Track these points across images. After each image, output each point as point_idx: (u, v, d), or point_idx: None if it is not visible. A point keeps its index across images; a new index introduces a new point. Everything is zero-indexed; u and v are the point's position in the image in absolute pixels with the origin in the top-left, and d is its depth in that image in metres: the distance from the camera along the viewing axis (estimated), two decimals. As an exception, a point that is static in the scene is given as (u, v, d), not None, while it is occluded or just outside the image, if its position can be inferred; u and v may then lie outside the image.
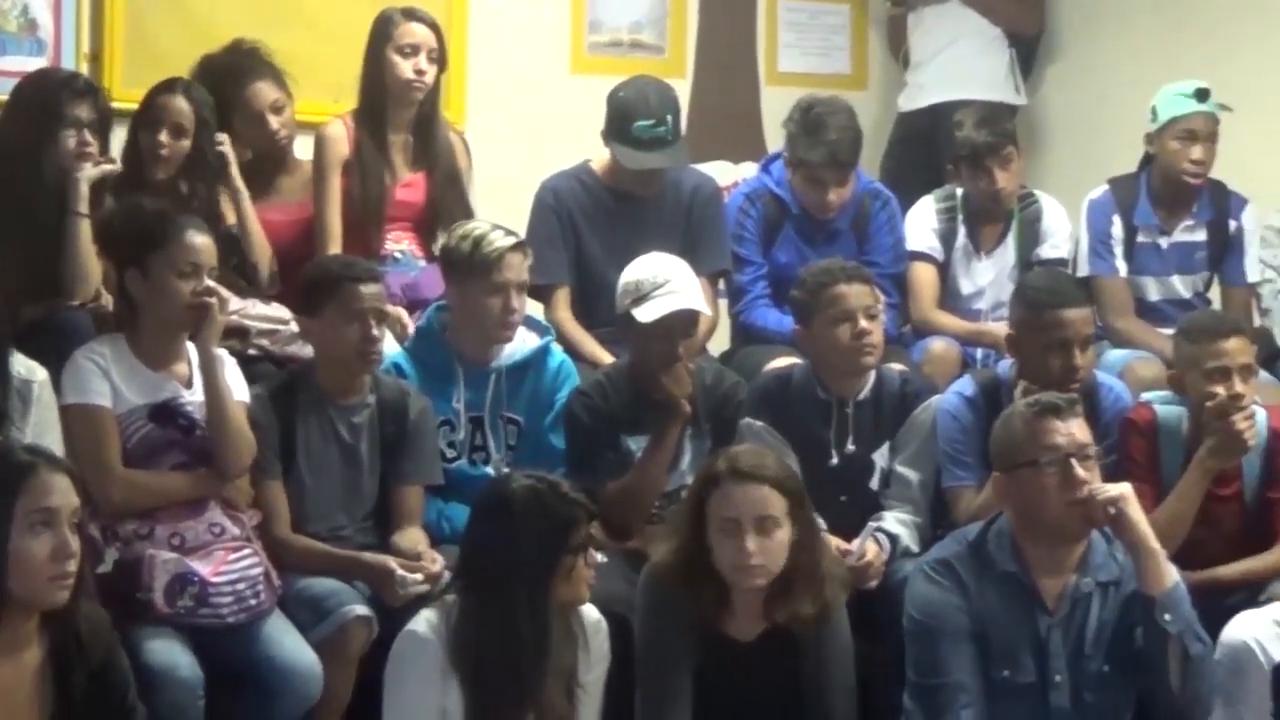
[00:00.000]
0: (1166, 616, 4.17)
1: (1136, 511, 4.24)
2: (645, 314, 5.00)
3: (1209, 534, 4.90)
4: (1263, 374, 5.45)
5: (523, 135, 6.99)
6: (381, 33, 5.77)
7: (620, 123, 5.77)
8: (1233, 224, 6.18)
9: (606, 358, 5.54)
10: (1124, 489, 4.26)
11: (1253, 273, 6.16)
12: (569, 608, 4.15)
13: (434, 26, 5.83)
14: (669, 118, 5.78)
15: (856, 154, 6.03)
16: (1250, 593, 4.83)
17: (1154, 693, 4.26)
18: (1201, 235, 6.17)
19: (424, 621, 4.13)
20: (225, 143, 5.47)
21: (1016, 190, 6.11)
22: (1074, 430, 4.29)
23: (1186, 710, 4.24)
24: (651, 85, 5.94)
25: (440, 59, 5.82)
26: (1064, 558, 4.31)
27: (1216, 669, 4.33)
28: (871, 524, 4.92)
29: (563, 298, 5.84)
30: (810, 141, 5.89)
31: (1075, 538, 4.31)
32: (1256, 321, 6.14)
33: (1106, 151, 6.84)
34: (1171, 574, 4.25)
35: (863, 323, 5.03)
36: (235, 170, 5.49)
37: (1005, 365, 5.20)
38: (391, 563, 4.59)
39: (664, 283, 5.05)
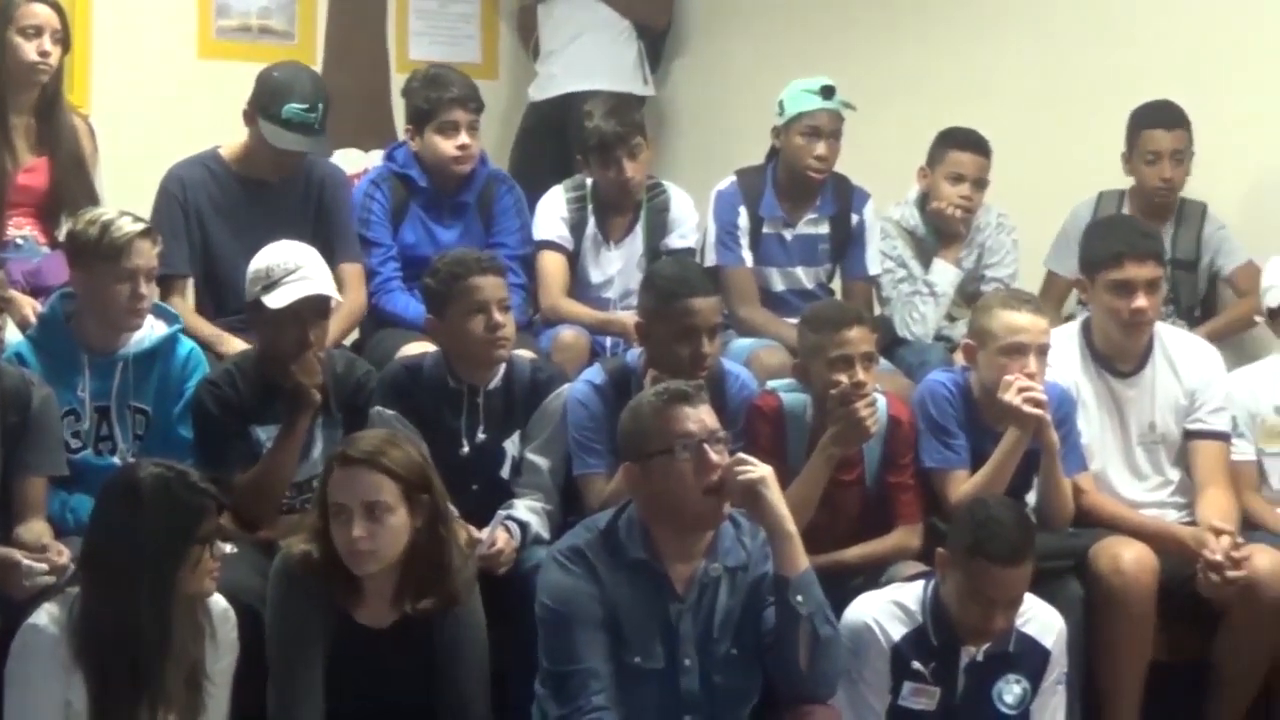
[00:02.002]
0: (798, 599, 4.24)
1: (775, 494, 4.31)
2: (275, 300, 4.93)
3: (832, 518, 5.02)
4: (883, 362, 5.58)
5: (150, 120, 6.86)
6: (2, 14, 5.59)
7: (272, 101, 5.68)
8: (855, 218, 6.33)
9: (234, 346, 5.46)
10: (764, 471, 4.31)
11: (874, 265, 6.32)
12: (194, 600, 4.10)
13: (57, 7, 5.68)
14: (320, 106, 5.72)
15: (481, 99, 6.07)
16: (871, 575, 4.97)
17: (782, 673, 4.32)
18: (825, 228, 6.31)
19: (45, 614, 4.04)
20: None
21: (645, 180, 6.17)
22: (704, 416, 4.33)
23: (813, 690, 4.32)
24: (306, 71, 5.92)
25: (64, 40, 5.68)
26: (693, 544, 4.36)
27: (843, 649, 4.43)
28: (501, 512, 4.91)
29: (185, 289, 5.77)
30: (438, 86, 5.97)
31: (710, 524, 4.35)
32: (877, 311, 6.32)
33: (734, 143, 6.97)
34: (804, 557, 4.34)
35: (496, 315, 5.03)
36: None
37: (634, 354, 5.24)
38: (16, 554, 4.45)
39: (294, 269, 4.97)
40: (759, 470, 4.29)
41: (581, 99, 6.63)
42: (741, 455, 4.36)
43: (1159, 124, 6.30)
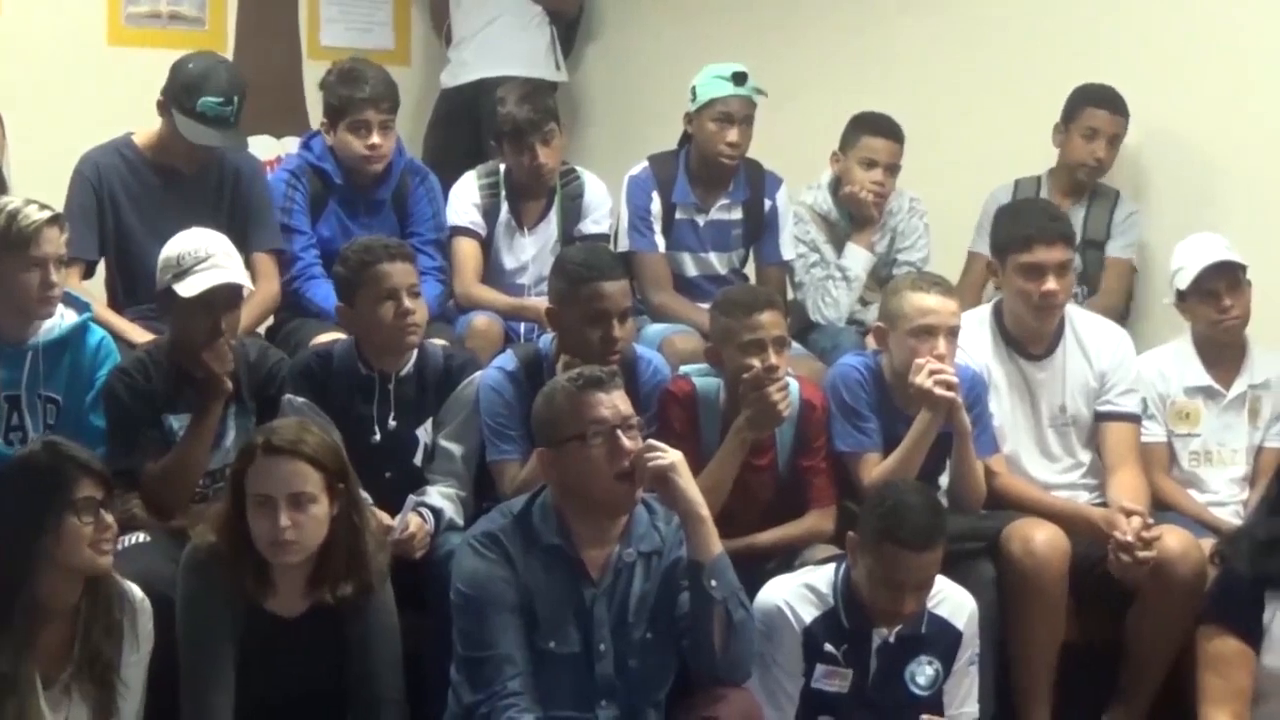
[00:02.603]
0: (713, 583, 4.26)
1: (687, 479, 4.32)
2: (187, 289, 4.89)
3: (745, 502, 5.03)
4: (796, 346, 5.61)
5: (59, 107, 6.78)
6: None
7: (187, 94, 5.64)
8: (768, 203, 6.34)
9: (140, 336, 5.43)
10: (676, 457, 4.32)
11: (787, 250, 6.34)
12: (79, 574, 4.10)
13: (-42, -7, 5.64)
14: (236, 99, 5.69)
15: (396, 98, 6.04)
16: (785, 558, 4.99)
17: (697, 657, 4.34)
18: (738, 214, 6.32)
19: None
20: None
21: (558, 166, 6.16)
22: (617, 402, 4.33)
23: (727, 673, 4.34)
24: (223, 64, 5.90)
25: (-32, 28, 5.64)
26: (608, 529, 4.37)
27: (756, 633, 4.44)
28: (413, 498, 4.90)
29: (94, 273, 5.76)
30: (352, 84, 5.93)
31: (623, 509, 4.36)
32: (790, 295, 6.34)
33: (646, 129, 6.98)
34: (718, 541, 4.35)
35: (406, 301, 5.01)
36: None
37: (547, 339, 5.23)
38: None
39: (206, 257, 4.94)
40: (669, 456, 4.30)
41: (494, 85, 6.62)
42: (652, 442, 4.36)
43: (1105, 105, 6.40)
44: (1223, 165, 6.42)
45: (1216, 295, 5.60)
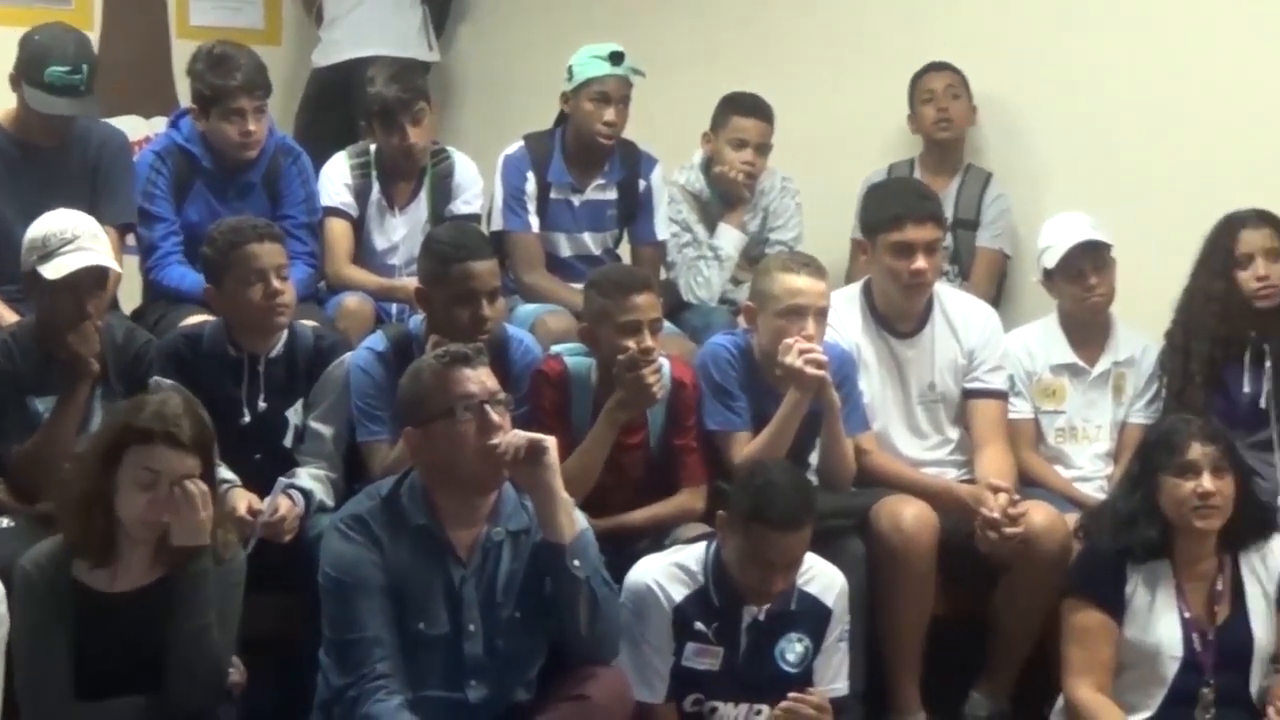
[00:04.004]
0: (575, 563, 4.26)
1: (550, 461, 4.31)
2: (52, 270, 4.84)
3: (617, 481, 5.04)
4: (667, 324, 5.62)
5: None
6: None
7: (34, 66, 5.56)
8: (642, 183, 6.35)
9: (9, 316, 5.37)
10: (539, 438, 4.32)
11: (662, 230, 6.35)
12: None
13: None
14: (85, 67, 5.60)
15: (268, 83, 5.98)
16: (656, 537, 4.99)
17: (564, 636, 4.35)
18: (612, 194, 6.33)
19: None
20: None
21: (429, 146, 6.14)
22: (484, 378, 4.33)
23: (595, 651, 4.35)
24: (70, 33, 5.76)
25: None
26: (476, 508, 4.36)
27: (622, 611, 4.46)
28: (283, 480, 4.86)
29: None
30: (223, 71, 5.84)
31: (491, 486, 4.35)
32: (663, 275, 6.36)
33: (521, 109, 6.97)
34: (579, 521, 4.36)
35: (275, 282, 4.99)
36: None
37: (417, 320, 5.22)
38: None
39: (72, 239, 4.89)
40: (530, 436, 4.30)
41: (365, 65, 6.57)
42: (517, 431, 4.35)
43: (932, 69, 6.58)
44: (1089, 144, 6.51)
45: (1083, 274, 5.66)
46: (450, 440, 4.28)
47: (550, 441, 4.32)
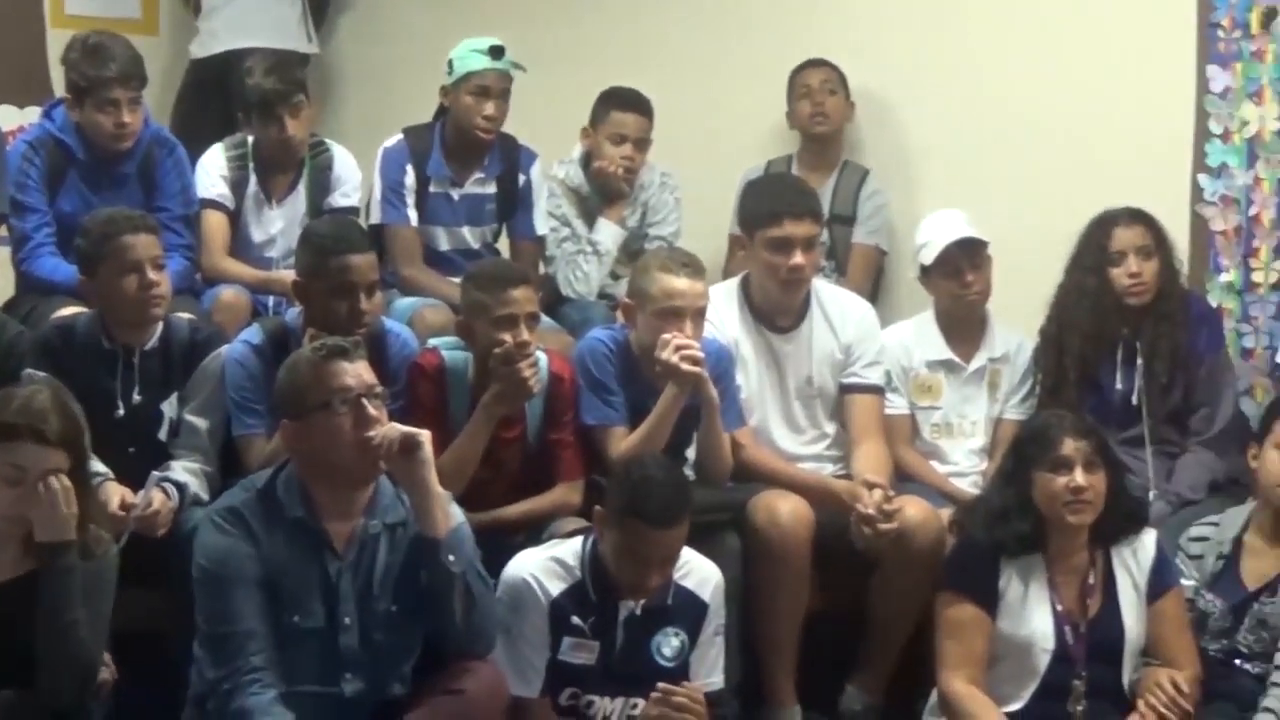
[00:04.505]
0: (450, 558, 4.25)
1: (425, 455, 4.30)
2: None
3: (494, 475, 5.04)
4: (546, 319, 5.62)
5: None
6: None
7: None
8: (522, 178, 6.32)
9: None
10: (413, 432, 4.31)
11: (541, 225, 6.34)
12: None
13: None
14: None
15: (144, 74, 5.91)
16: (533, 532, 4.99)
17: (440, 630, 4.33)
18: (491, 189, 6.30)
19: None
20: None
21: (307, 139, 6.11)
22: (361, 371, 4.31)
23: (470, 645, 4.34)
24: None
25: None
26: (353, 501, 4.34)
27: (498, 605, 4.45)
28: (156, 474, 4.83)
29: None
30: (98, 62, 5.76)
31: (367, 479, 4.33)
32: (542, 269, 6.35)
33: (401, 102, 6.93)
34: (454, 516, 4.35)
35: (150, 274, 4.96)
36: None
37: (293, 313, 5.19)
38: None
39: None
40: (406, 430, 4.28)
41: (244, 56, 6.51)
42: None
43: (809, 65, 6.62)
44: (966, 142, 6.58)
45: (959, 271, 5.72)
46: (327, 433, 4.26)
47: (424, 435, 4.31)
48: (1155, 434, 5.63)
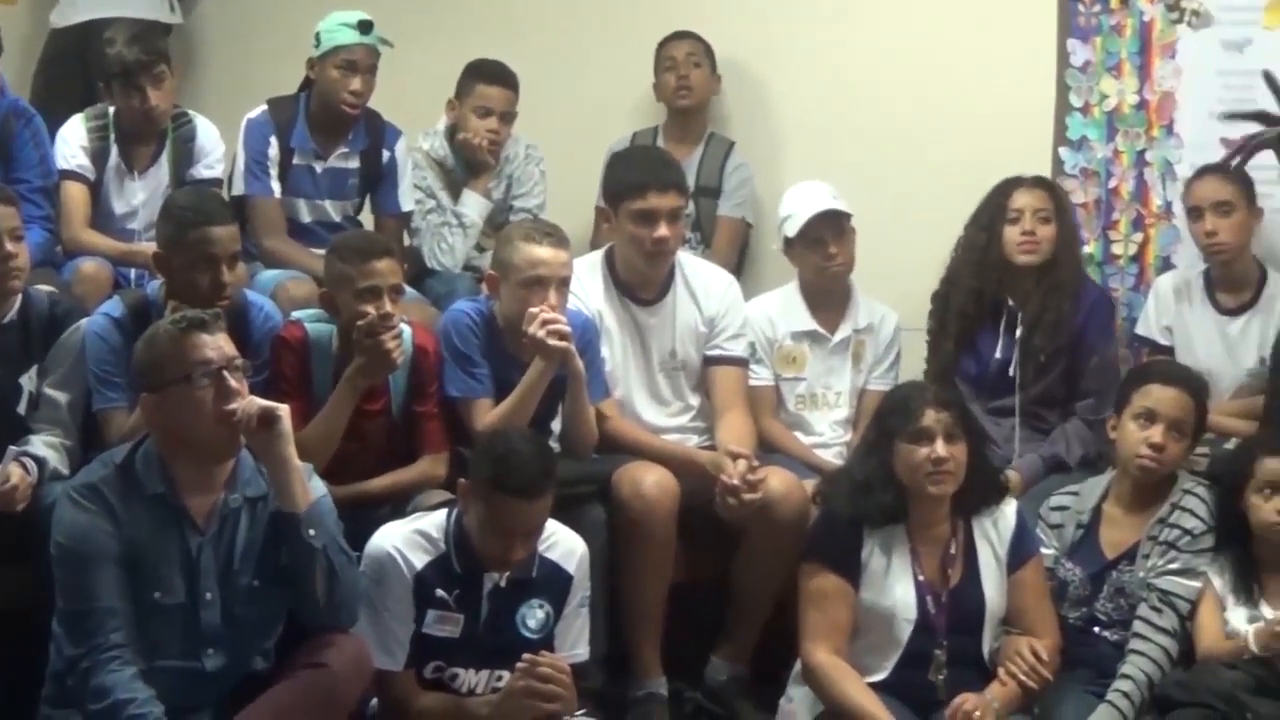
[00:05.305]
0: (310, 532, 4.23)
1: (284, 429, 4.28)
2: None
3: (358, 448, 5.03)
4: (411, 291, 5.61)
5: None
6: None
7: None
8: (386, 154, 6.30)
9: None
10: (272, 406, 4.28)
11: (405, 202, 6.32)
12: None
13: None
14: None
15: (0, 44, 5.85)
16: (398, 504, 4.98)
17: (302, 604, 4.31)
18: (355, 163, 6.27)
19: None
20: None
21: (169, 109, 6.04)
22: (221, 344, 4.28)
23: (333, 619, 4.33)
24: None
25: None
26: (213, 475, 4.31)
27: (361, 578, 4.44)
28: (14, 448, 4.77)
29: None
30: None
31: (228, 453, 4.30)
32: (407, 242, 6.33)
33: (266, 72, 6.86)
34: (314, 489, 4.34)
35: (8, 245, 4.90)
36: None
37: (155, 285, 5.15)
38: None
39: None
40: (264, 404, 4.25)
41: (104, 26, 6.43)
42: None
43: (675, 37, 6.63)
44: (831, 114, 6.62)
45: (823, 243, 5.75)
46: (187, 406, 4.23)
47: (283, 410, 4.28)
48: (1025, 408, 5.70)
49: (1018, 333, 5.70)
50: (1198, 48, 6.10)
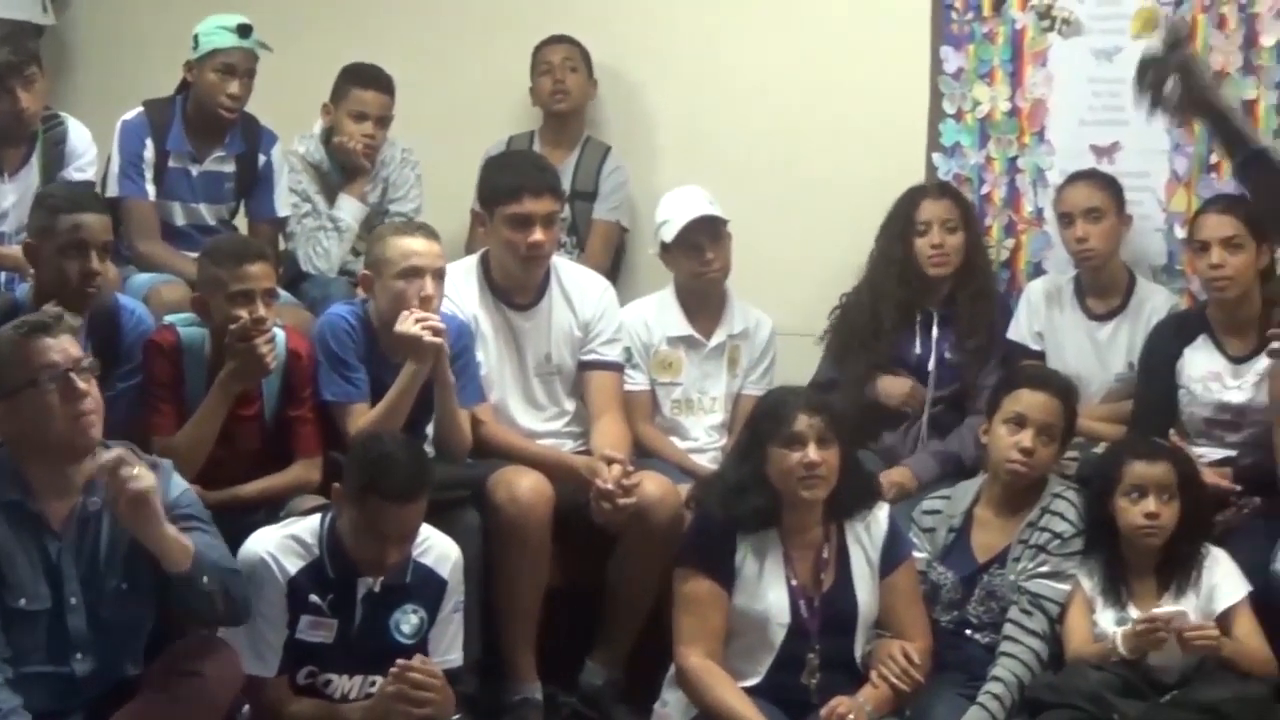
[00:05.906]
0: (204, 580, 4.20)
1: (153, 510, 4.15)
2: None
3: (231, 453, 5.00)
4: (285, 295, 5.59)
5: None
6: None
7: None
8: (262, 159, 6.27)
9: None
10: (150, 481, 4.14)
11: (281, 207, 6.28)
12: None
13: None
14: None
15: None
16: (271, 509, 4.96)
17: (194, 617, 4.36)
18: (231, 167, 6.23)
19: None
20: None
21: (40, 111, 5.96)
22: (66, 345, 4.24)
23: (227, 624, 4.37)
24: None
25: None
26: (69, 478, 4.26)
27: (247, 582, 4.42)
28: None
29: None
30: None
31: (80, 454, 4.25)
32: (282, 246, 6.30)
33: (141, 74, 6.80)
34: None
35: None
36: None
37: (24, 289, 5.11)
38: None
39: None
40: (145, 480, 4.14)
41: (-29, 27, 6.39)
42: (125, 455, 4.15)
43: (551, 41, 6.65)
44: (707, 120, 6.64)
45: (699, 248, 5.77)
46: (36, 411, 4.19)
47: (149, 483, 4.13)
48: (934, 410, 5.82)
49: (933, 333, 5.77)
50: (1068, 55, 6.16)
